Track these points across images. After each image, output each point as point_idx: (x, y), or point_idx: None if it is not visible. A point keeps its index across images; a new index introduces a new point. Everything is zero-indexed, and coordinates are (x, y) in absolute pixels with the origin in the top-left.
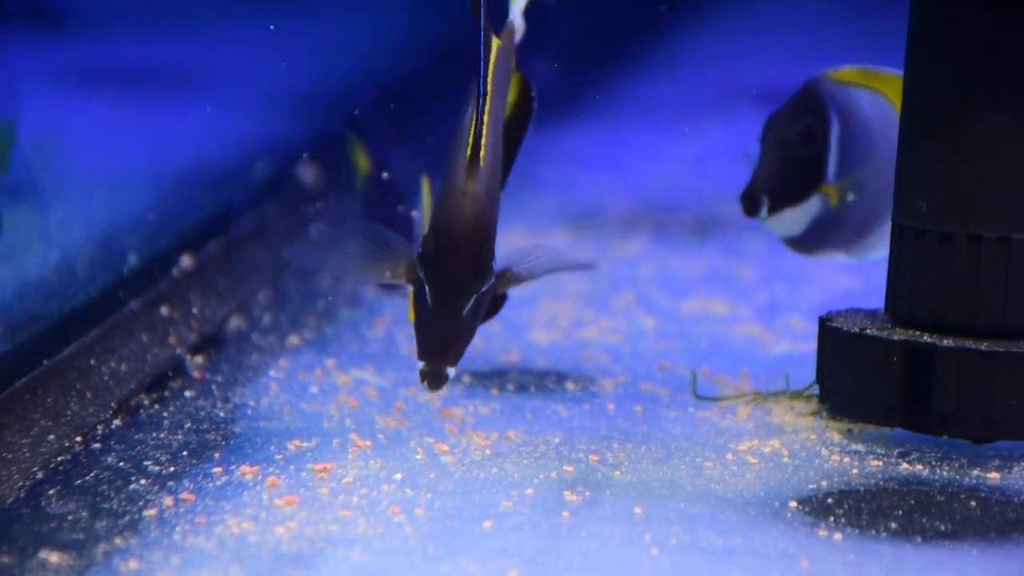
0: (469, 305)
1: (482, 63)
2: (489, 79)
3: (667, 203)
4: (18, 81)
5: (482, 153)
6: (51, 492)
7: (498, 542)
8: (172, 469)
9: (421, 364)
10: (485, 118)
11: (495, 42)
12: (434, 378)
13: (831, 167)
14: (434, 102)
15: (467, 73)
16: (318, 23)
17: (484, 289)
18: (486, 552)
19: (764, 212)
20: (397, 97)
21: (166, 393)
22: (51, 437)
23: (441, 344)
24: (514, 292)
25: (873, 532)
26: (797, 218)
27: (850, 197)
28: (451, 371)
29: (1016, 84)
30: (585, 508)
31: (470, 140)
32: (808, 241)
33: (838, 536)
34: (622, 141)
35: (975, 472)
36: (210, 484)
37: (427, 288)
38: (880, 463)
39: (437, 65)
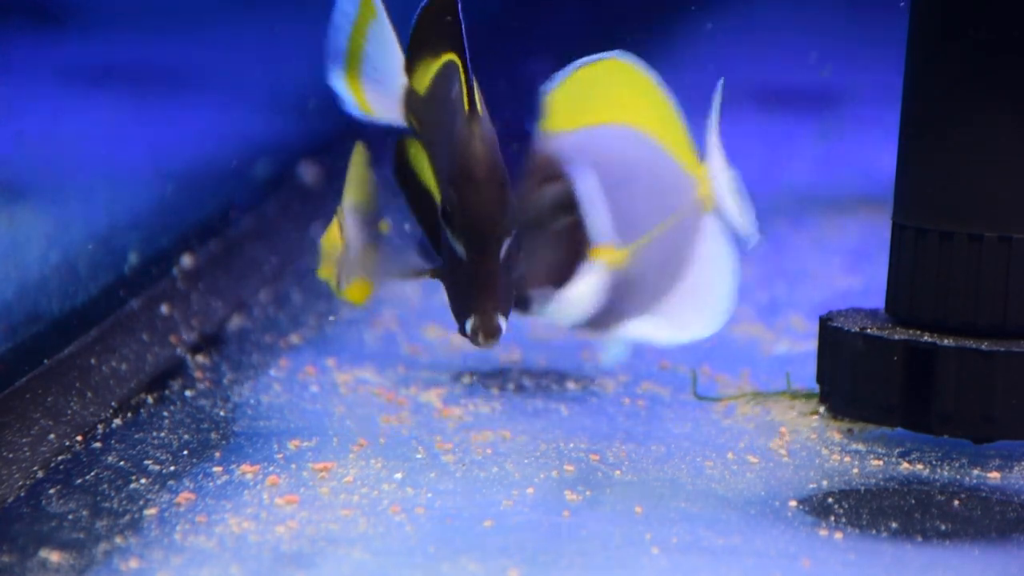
0: (504, 250)
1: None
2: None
3: None
4: (19, 80)
5: (478, 101)
6: (52, 491)
7: (498, 541)
8: (173, 468)
9: (470, 323)
10: (468, 76)
11: None
12: (488, 327)
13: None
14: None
15: None
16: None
17: (513, 232)
18: (487, 551)
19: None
20: None
21: (167, 392)
22: (52, 436)
23: (486, 292)
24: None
25: (874, 531)
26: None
27: None
28: (503, 322)
29: (1016, 84)
30: (586, 507)
31: (464, 94)
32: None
33: (839, 535)
34: None
35: (975, 472)
36: (210, 483)
37: (457, 240)
38: (880, 463)
39: None
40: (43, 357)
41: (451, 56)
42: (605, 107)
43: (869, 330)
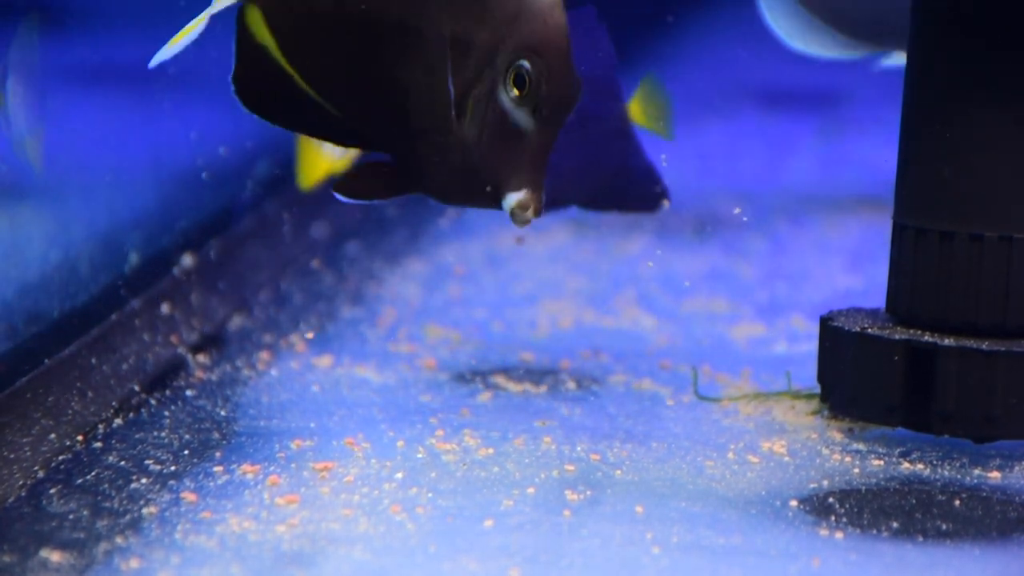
0: None
1: None
2: None
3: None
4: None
5: None
6: (52, 491)
7: (499, 541)
8: (173, 468)
9: (516, 196)
10: None
11: None
12: (538, 203)
13: None
14: None
15: None
16: None
17: None
18: (487, 551)
19: None
20: None
21: (167, 392)
22: (52, 436)
23: (538, 166)
24: (514, 291)
25: (874, 531)
26: None
27: None
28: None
29: (1017, 83)
30: (586, 507)
31: None
32: None
33: (839, 535)
34: None
35: (976, 471)
36: (211, 483)
37: (528, 109)
38: (881, 462)
39: None
40: (44, 357)
41: None
42: None
43: (870, 330)
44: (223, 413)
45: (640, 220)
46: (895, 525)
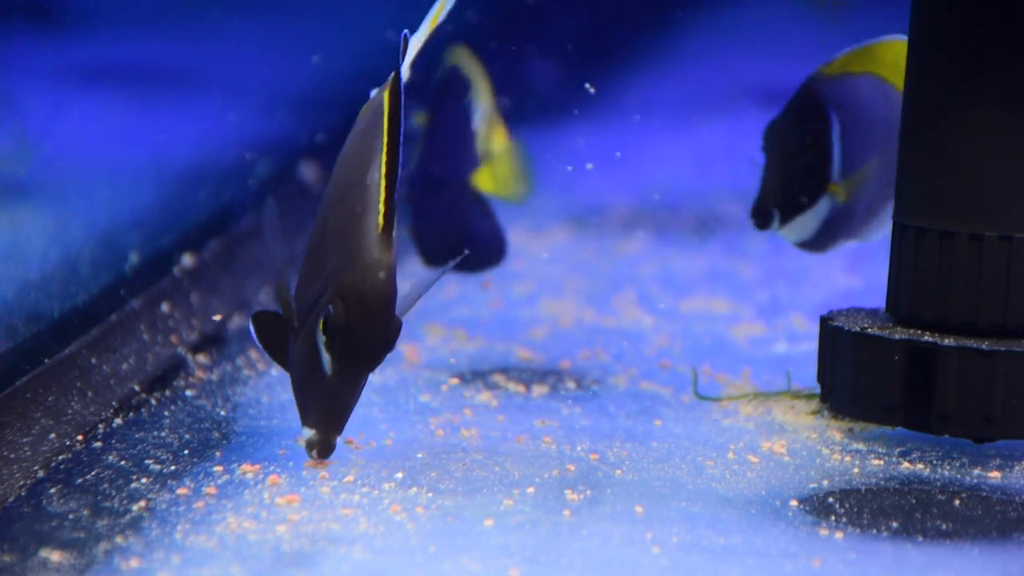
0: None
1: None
2: (388, 142)
3: (668, 202)
4: (19, 78)
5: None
6: (52, 491)
7: (499, 540)
8: (173, 468)
9: (309, 432)
10: (391, 184)
11: (386, 97)
12: (325, 449)
13: (836, 167)
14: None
15: None
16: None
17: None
18: (487, 550)
19: (776, 224)
20: None
21: (167, 392)
22: (52, 436)
23: (338, 415)
24: (515, 292)
25: (874, 531)
26: (808, 223)
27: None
28: (337, 442)
29: (1017, 83)
30: (586, 507)
31: (380, 208)
32: (820, 241)
33: (839, 535)
34: (623, 140)
35: (976, 471)
36: (211, 483)
37: (329, 355)
38: (881, 462)
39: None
40: (44, 356)
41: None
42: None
43: (870, 330)
44: (223, 413)
45: (640, 221)
46: (895, 525)
